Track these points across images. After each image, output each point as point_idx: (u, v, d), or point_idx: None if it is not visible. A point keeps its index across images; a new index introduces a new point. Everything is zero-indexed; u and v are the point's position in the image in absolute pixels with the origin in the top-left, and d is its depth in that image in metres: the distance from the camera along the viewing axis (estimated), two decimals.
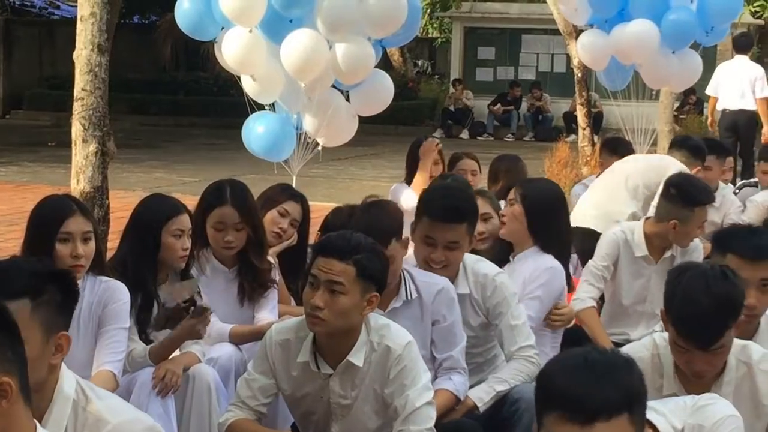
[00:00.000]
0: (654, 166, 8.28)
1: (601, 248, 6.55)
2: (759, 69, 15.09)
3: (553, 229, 5.86)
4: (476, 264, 5.25)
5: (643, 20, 10.17)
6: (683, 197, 6.28)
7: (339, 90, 8.01)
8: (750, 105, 14.68)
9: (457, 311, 4.95)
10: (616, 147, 8.73)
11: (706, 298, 3.85)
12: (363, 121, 8.15)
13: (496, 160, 8.19)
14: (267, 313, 5.59)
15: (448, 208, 5.07)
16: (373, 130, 22.95)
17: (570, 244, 6.22)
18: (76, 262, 4.61)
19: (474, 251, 5.63)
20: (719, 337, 3.87)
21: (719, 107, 14.99)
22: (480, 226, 6.02)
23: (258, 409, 4.46)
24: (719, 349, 3.91)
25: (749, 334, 4.34)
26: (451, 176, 7.25)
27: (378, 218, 4.84)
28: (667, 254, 6.42)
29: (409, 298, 4.84)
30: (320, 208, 7.13)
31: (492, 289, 5.18)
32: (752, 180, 9.31)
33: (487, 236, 6.21)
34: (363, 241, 4.28)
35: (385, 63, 28.76)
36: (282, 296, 5.87)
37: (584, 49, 10.91)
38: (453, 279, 5.12)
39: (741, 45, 15.49)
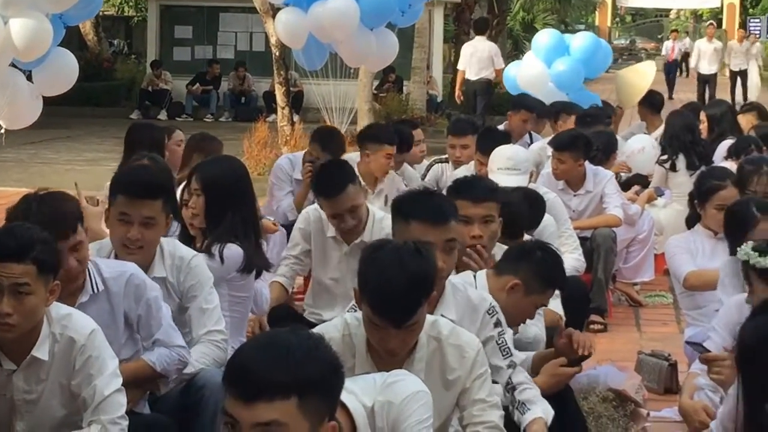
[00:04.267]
0: None
1: (294, 229, 6.62)
2: (494, 46, 19.79)
3: (235, 215, 5.60)
4: (173, 247, 5.13)
5: None
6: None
7: (20, 70, 7.69)
8: (488, 75, 18.82)
9: (150, 294, 4.73)
10: (326, 142, 8.59)
11: (401, 275, 3.85)
12: (56, 103, 7.87)
13: (190, 140, 8.03)
14: None
15: (143, 183, 4.97)
16: (68, 113, 22.34)
17: (255, 225, 5.86)
18: None
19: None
20: (413, 314, 3.88)
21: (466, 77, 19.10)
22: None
23: None
24: (413, 326, 3.92)
25: (434, 299, 4.30)
26: (145, 155, 7.01)
27: (56, 208, 4.60)
28: (358, 240, 6.41)
29: (95, 291, 4.63)
30: (12, 194, 6.81)
31: (187, 272, 5.07)
32: (444, 156, 9.38)
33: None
34: (34, 235, 4.09)
35: (79, 42, 28.04)
36: None
37: (282, 28, 10.84)
38: (150, 263, 5.00)
39: (479, 27, 20.14)
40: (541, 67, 13.01)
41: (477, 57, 18.96)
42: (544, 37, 13.61)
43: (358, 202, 6.27)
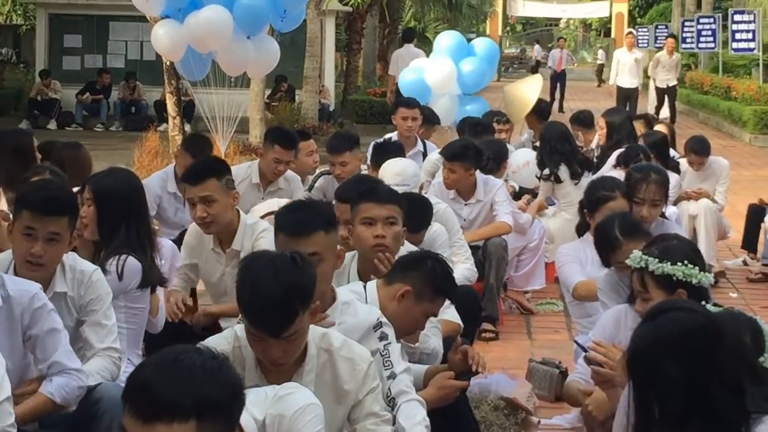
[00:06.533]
0: None
1: (183, 243, 6.63)
2: (421, 52, 20.78)
3: (130, 228, 5.58)
4: (73, 261, 5.09)
5: (215, 6, 10.15)
6: None
7: None
8: None
9: (51, 316, 4.69)
10: (188, 145, 8.54)
11: (275, 284, 3.86)
12: None
13: (58, 149, 7.86)
14: None
15: (50, 199, 4.90)
16: None
17: (150, 238, 5.86)
18: None
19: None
20: (290, 323, 3.87)
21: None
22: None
23: None
24: (293, 336, 3.91)
25: (316, 309, 4.21)
26: (46, 168, 6.92)
27: None
28: (230, 248, 6.44)
29: None
30: None
31: (88, 286, 5.04)
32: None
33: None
34: None
35: None
36: None
37: (160, 40, 10.78)
38: (50, 278, 4.95)
39: (406, 37, 22.95)
40: (450, 67, 12.98)
41: (404, 63, 19.37)
42: (448, 39, 13.66)
43: (215, 196, 6.24)
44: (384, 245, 5.45)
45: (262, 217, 7.41)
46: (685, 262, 4.78)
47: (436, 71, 12.88)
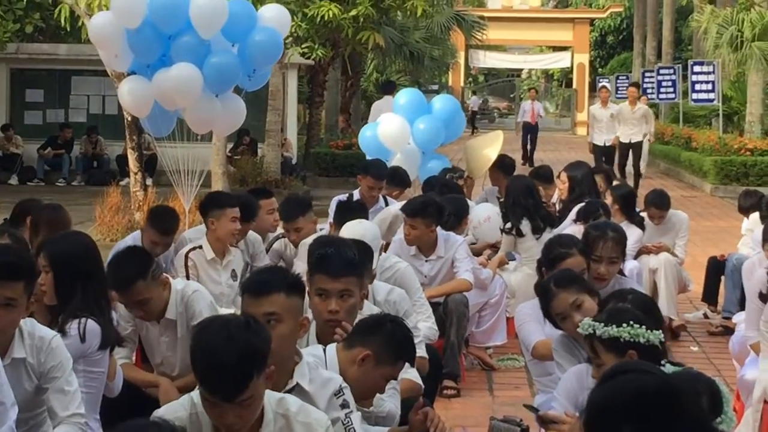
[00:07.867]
0: None
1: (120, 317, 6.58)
2: None
3: (87, 291, 5.56)
4: (31, 327, 5.05)
5: (185, 64, 10.15)
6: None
7: None
8: None
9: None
10: (157, 222, 8.38)
11: (228, 348, 3.85)
12: None
13: (37, 211, 7.81)
14: None
15: (6, 264, 4.86)
16: None
17: (106, 298, 5.82)
18: None
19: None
20: (244, 388, 3.86)
21: None
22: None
23: None
24: (248, 401, 3.90)
25: (272, 374, 4.17)
26: (4, 231, 6.89)
27: None
28: (164, 317, 6.41)
29: None
30: None
31: (48, 353, 5.01)
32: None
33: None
34: None
35: None
36: None
37: (126, 96, 10.78)
38: (8, 344, 4.92)
39: (386, 88, 23.67)
40: (402, 125, 12.85)
41: (384, 113, 19.56)
42: (406, 96, 13.57)
43: (147, 296, 6.21)
44: (337, 320, 5.33)
45: (187, 254, 7.82)
46: (631, 322, 4.81)
47: (389, 129, 12.78)
